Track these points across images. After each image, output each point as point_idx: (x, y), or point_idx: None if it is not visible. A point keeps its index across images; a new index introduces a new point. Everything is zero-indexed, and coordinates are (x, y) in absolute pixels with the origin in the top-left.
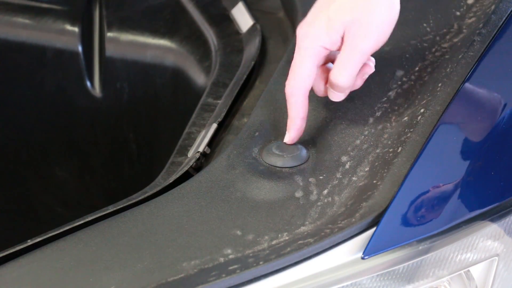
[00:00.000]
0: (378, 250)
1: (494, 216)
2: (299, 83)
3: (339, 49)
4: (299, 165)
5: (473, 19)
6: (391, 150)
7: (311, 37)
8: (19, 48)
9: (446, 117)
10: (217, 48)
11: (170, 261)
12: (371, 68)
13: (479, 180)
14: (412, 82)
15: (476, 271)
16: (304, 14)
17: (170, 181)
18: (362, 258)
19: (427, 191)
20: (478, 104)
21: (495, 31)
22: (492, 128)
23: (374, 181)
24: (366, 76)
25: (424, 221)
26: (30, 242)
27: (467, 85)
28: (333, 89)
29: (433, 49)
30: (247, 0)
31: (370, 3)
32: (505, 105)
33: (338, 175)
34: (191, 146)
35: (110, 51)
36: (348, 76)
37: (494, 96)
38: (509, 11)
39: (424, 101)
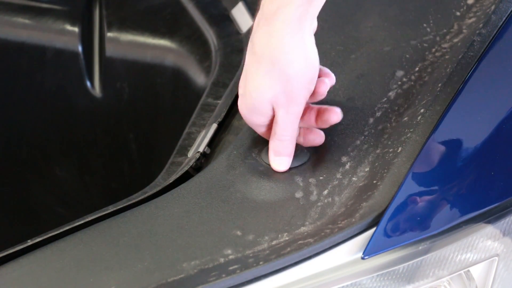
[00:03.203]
0: (378, 250)
1: (494, 216)
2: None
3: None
4: (299, 166)
5: (473, 19)
6: (391, 150)
7: (246, 117)
8: (19, 48)
9: (446, 117)
10: (217, 48)
11: (170, 261)
12: (336, 115)
13: (479, 180)
14: (412, 83)
15: (476, 271)
16: None
17: (170, 181)
18: (362, 258)
19: (427, 191)
20: (478, 104)
21: (495, 32)
22: (492, 128)
23: (374, 181)
24: (330, 123)
25: (424, 221)
26: (30, 242)
27: (467, 85)
28: (276, 155)
29: (433, 49)
30: (247, 0)
31: (285, 72)
32: (505, 105)
33: (338, 176)
34: (191, 146)
35: (110, 51)
36: (291, 139)
37: (494, 96)
38: (509, 11)
39: (424, 101)
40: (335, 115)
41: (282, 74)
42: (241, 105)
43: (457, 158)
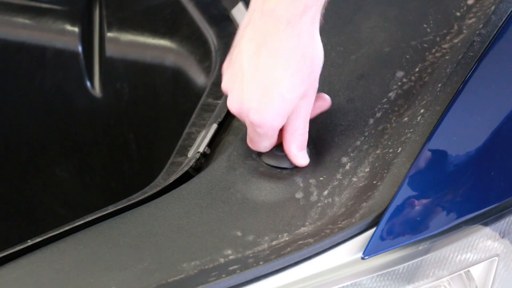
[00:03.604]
0: (378, 250)
1: (494, 216)
2: (259, 149)
3: None
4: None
5: (473, 19)
6: (391, 150)
7: (269, 123)
8: (19, 48)
9: (446, 117)
10: (217, 48)
11: (170, 261)
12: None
13: (479, 180)
14: (412, 83)
15: (476, 271)
16: None
17: (170, 181)
18: (362, 258)
19: (427, 191)
20: (478, 104)
21: (495, 32)
22: (492, 128)
23: (374, 182)
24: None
25: (424, 221)
26: (30, 242)
27: (467, 85)
28: (299, 150)
29: (433, 50)
30: (247, 0)
31: (313, 64)
32: (505, 105)
33: (339, 176)
34: (191, 146)
35: (110, 51)
36: (306, 134)
37: (494, 96)
38: (509, 12)
39: (424, 102)
40: (325, 102)
41: (311, 67)
42: (263, 113)
43: (457, 158)
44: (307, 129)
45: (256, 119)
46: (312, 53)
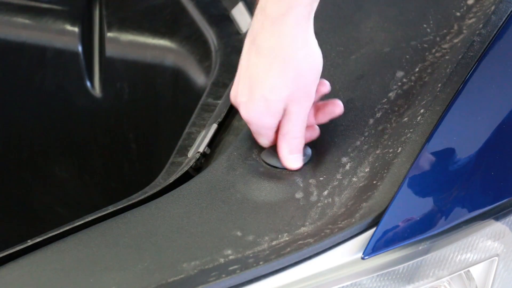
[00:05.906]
0: (378, 250)
1: (494, 216)
2: (259, 144)
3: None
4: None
5: (473, 19)
6: (391, 150)
7: (255, 121)
8: (19, 48)
9: (446, 117)
10: (217, 48)
11: (170, 261)
12: (339, 108)
13: (479, 180)
14: (412, 83)
15: (476, 271)
16: None
17: (170, 181)
18: (362, 258)
19: (427, 191)
20: (478, 104)
21: (495, 32)
22: (492, 128)
23: (374, 182)
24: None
25: (424, 221)
26: (30, 242)
27: (467, 85)
28: (291, 153)
29: (433, 50)
30: (247, 0)
31: (299, 68)
32: (504, 105)
33: (338, 176)
34: (191, 146)
35: (110, 51)
36: (300, 138)
37: (494, 96)
38: (509, 12)
39: (424, 102)
40: (338, 107)
41: (296, 70)
42: (249, 111)
43: (456, 158)
44: (302, 134)
45: (244, 115)
46: (297, 57)
